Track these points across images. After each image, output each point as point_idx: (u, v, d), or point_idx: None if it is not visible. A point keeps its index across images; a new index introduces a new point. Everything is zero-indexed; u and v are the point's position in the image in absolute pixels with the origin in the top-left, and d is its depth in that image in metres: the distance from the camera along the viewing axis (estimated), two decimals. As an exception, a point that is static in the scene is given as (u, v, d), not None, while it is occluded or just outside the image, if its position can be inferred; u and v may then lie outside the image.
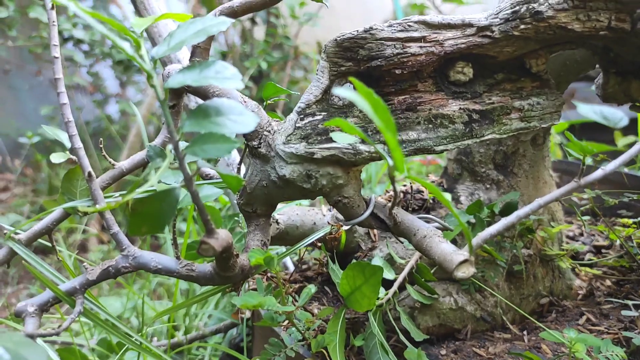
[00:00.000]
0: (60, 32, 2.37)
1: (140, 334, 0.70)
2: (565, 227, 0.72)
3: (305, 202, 0.91)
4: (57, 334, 0.39)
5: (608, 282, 0.78)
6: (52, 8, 0.51)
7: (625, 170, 1.04)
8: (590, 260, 0.82)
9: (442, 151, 0.47)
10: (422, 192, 0.74)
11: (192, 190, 0.33)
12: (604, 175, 0.44)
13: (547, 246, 0.72)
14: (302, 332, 0.48)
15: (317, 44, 3.38)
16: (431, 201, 0.73)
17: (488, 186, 0.74)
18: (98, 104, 2.61)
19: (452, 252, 0.40)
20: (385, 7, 2.71)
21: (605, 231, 0.80)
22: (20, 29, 2.38)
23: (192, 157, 0.34)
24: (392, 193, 0.76)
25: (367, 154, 0.45)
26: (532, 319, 0.66)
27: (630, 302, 0.66)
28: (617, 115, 1.33)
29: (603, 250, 0.85)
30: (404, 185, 0.76)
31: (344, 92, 0.28)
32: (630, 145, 1.75)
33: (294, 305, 0.46)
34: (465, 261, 0.38)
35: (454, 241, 0.69)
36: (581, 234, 0.91)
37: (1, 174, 2.83)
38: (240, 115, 0.35)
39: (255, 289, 0.57)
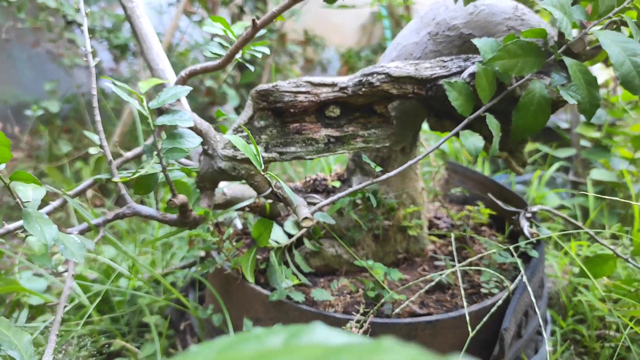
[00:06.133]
0: (64, 16, 2.67)
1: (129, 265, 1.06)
2: (416, 209, 1.08)
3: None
4: (93, 249, 0.74)
5: (450, 248, 1.15)
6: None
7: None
8: (444, 233, 1.19)
9: (310, 159, 0.82)
10: (326, 180, 1.10)
11: (165, 174, 0.69)
12: (386, 177, 0.80)
13: (405, 220, 1.08)
14: (227, 255, 0.84)
15: (304, 32, 3.70)
16: (331, 187, 1.09)
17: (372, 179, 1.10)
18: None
19: (303, 213, 0.75)
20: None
21: (447, 212, 1.17)
22: (27, 10, 2.64)
23: (166, 158, 0.69)
24: (307, 179, 1.12)
25: (267, 157, 0.81)
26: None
27: (442, 257, 1.03)
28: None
29: (459, 228, 1.22)
30: (316, 175, 1.12)
31: (232, 138, 0.63)
32: (533, 151, 2.12)
33: (221, 239, 0.81)
34: (306, 218, 0.74)
35: (340, 211, 1.05)
36: (448, 216, 1.27)
37: None
38: (192, 138, 0.70)
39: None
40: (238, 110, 2.97)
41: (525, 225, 0.85)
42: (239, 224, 1.21)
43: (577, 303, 1.23)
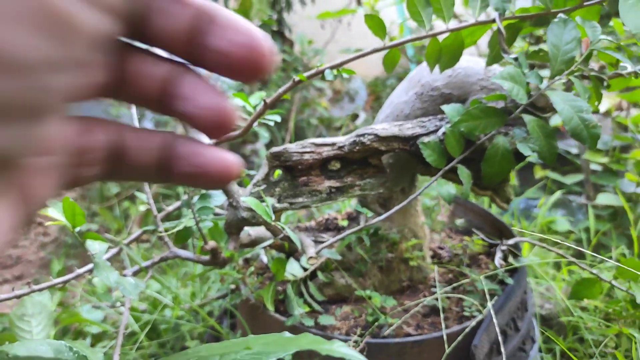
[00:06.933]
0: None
1: (172, 297, 1.25)
2: (417, 241, 1.23)
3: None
4: (144, 287, 0.93)
5: (450, 275, 1.29)
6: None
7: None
8: (445, 262, 1.33)
9: (315, 207, 1.00)
10: (337, 219, 1.27)
11: (198, 227, 0.88)
12: (385, 216, 0.96)
13: (407, 252, 1.23)
14: (251, 288, 1.02)
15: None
16: (342, 225, 1.26)
17: (376, 216, 1.26)
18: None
19: (309, 253, 0.92)
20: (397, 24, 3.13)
21: (447, 243, 1.31)
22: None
23: (199, 213, 0.88)
24: (320, 219, 1.29)
25: (279, 207, 0.99)
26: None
27: (438, 284, 1.17)
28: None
29: (458, 257, 1.36)
30: (328, 215, 1.29)
31: (247, 199, 0.81)
32: (540, 179, 2.22)
33: (245, 274, 0.99)
34: (311, 257, 0.91)
35: (349, 246, 1.21)
36: (451, 246, 1.41)
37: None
38: (218, 197, 0.89)
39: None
40: (269, 146, 3.19)
41: (497, 257, 0.99)
42: (265, 258, 1.39)
43: (575, 323, 1.34)
